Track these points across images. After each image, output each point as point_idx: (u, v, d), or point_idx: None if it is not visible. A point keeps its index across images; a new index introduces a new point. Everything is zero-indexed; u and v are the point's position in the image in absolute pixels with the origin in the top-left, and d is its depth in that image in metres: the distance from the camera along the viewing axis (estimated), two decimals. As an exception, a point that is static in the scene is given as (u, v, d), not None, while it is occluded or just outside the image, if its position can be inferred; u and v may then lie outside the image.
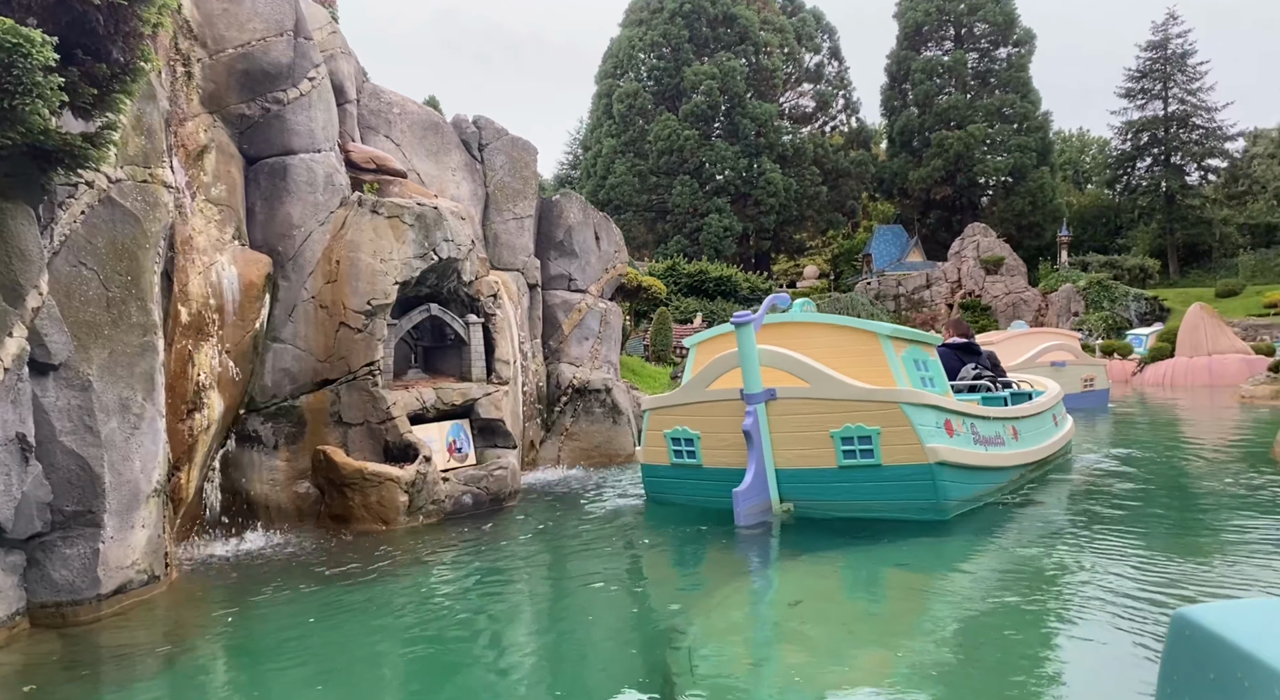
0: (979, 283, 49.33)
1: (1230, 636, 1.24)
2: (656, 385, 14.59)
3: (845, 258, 60.94)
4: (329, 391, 8.69)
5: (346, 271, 8.70)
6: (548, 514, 9.22)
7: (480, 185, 11.88)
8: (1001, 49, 59.05)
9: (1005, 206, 58.64)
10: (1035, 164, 57.21)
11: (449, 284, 9.83)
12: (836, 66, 61.57)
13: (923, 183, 58.16)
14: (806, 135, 58.97)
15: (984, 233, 51.57)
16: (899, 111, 60.43)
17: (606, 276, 13.39)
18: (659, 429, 8.92)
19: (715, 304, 29.60)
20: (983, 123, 56.64)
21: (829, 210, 58.27)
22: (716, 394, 8.32)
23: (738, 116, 54.12)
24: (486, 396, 9.67)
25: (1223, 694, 1.22)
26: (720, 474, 8.42)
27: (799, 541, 7.57)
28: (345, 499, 8.29)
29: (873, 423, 7.62)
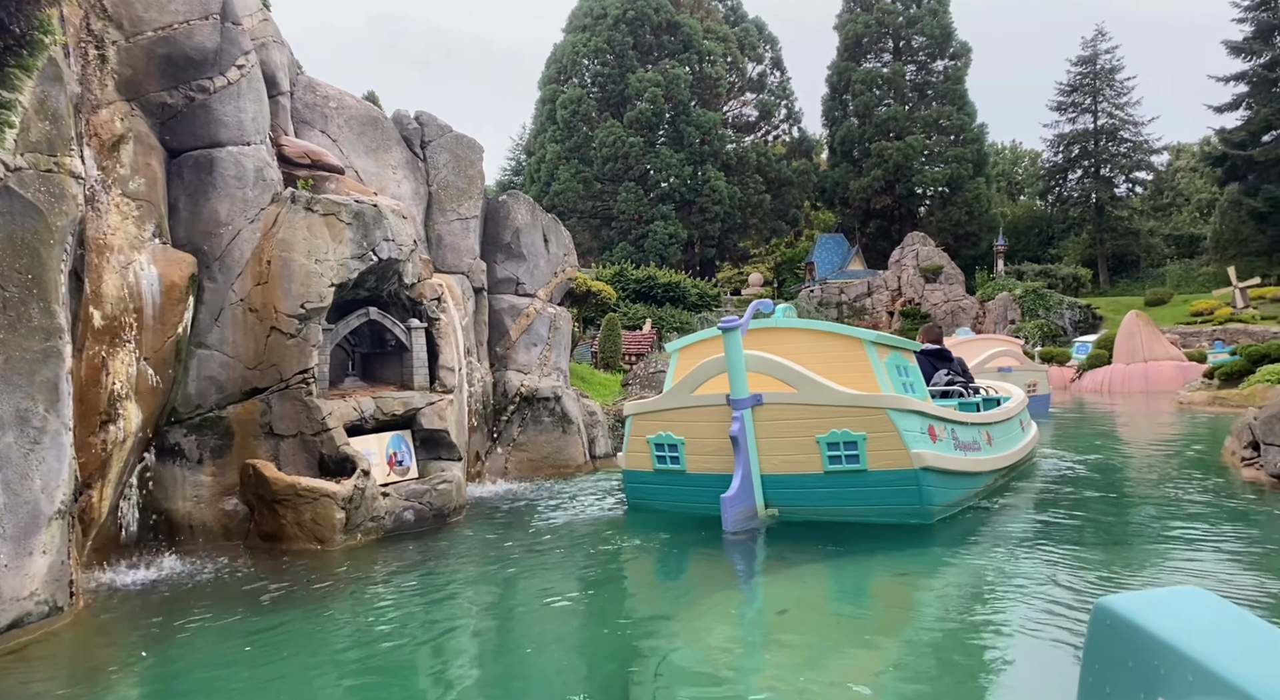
0: (919, 291, 50.02)
1: (1146, 625, 1.24)
2: (607, 393, 14.19)
3: (788, 266, 61.40)
4: (259, 401, 8.09)
5: (278, 272, 8.13)
6: (497, 530, 8.74)
7: (423, 184, 11.36)
8: (939, 62, 60.10)
9: (943, 216, 59.61)
10: (971, 175, 58.26)
11: (389, 287, 9.30)
12: (779, 76, 62.05)
13: (863, 192, 58.82)
14: (750, 144, 59.27)
15: (923, 242, 52.32)
16: (840, 122, 61.08)
17: (555, 280, 12.95)
18: (641, 434, 8.79)
19: (664, 310, 29.26)
20: (921, 134, 57.54)
21: (772, 218, 58.63)
22: (702, 399, 8.24)
23: (682, 124, 54.15)
24: (430, 406, 9.16)
25: (1140, 680, 1.22)
26: (704, 480, 8.34)
27: (783, 549, 7.39)
28: (277, 517, 7.71)
29: (859, 428, 7.61)
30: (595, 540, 8.20)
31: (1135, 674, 1.27)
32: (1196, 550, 6.89)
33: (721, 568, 7.35)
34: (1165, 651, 1.22)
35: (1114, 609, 1.36)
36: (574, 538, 8.29)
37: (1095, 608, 1.40)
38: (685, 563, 7.63)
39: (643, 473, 8.95)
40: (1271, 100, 48.35)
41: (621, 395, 13.96)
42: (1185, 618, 1.27)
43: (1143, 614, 1.30)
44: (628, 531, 8.57)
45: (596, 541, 8.15)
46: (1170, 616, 1.28)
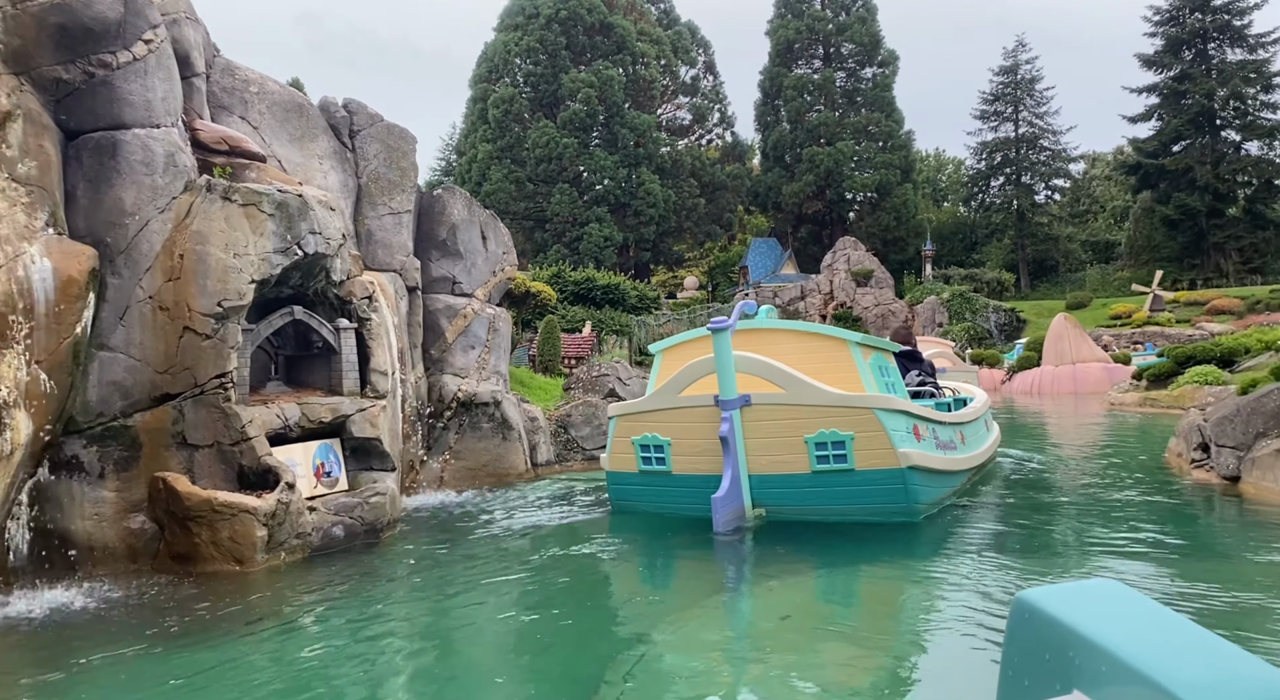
0: (850, 294, 50.61)
1: (1062, 617, 1.25)
2: (548, 398, 13.66)
3: (722, 269, 61.59)
4: (170, 408, 7.36)
5: (192, 267, 7.41)
6: (436, 544, 8.15)
7: (351, 176, 10.68)
8: (867, 69, 61.01)
9: (872, 221, 60.50)
10: (899, 181, 59.25)
11: (316, 284, 8.64)
12: (712, 80, 62.22)
13: (795, 197, 59.33)
14: (683, 147, 59.25)
15: (854, 246, 52.98)
16: (772, 127, 61.54)
17: (494, 280, 12.37)
18: (626, 436, 8.72)
19: (603, 312, 28.72)
20: (850, 140, 58.29)
21: (707, 222, 58.70)
22: (689, 400, 8.21)
23: (616, 126, 53.79)
24: (360, 412, 8.52)
25: (1056, 672, 1.24)
26: (691, 481, 8.31)
27: (769, 551, 7.30)
28: (190, 535, 6.99)
29: (846, 428, 7.64)
30: (543, 551, 7.70)
31: (1052, 666, 1.27)
32: (1169, 555, 6.74)
33: (705, 574, 7.05)
34: (1080, 643, 1.23)
35: (1032, 602, 1.35)
36: (520, 550, 7.77)
37: (1014, 601, 1.39)
38: (656, 570, 7.30)
39: (628, 474, 8.85)
40: (1181, 111, 50.33)
41: (563, 400, 13.44)
42: (1100, 610, 1.29)
43: (1059, 606, 1.31)
44: (584, 540, 8.09)
45: (544, 553, 7.65)
46: (1085, 609, 1.29)
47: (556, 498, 10.47)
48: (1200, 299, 41.02)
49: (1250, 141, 49.97)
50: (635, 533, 8.34)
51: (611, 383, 13.40)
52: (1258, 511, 7.96)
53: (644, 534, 8.23)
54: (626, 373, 13.79)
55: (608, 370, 13.63)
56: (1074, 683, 1.25)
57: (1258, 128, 49.02)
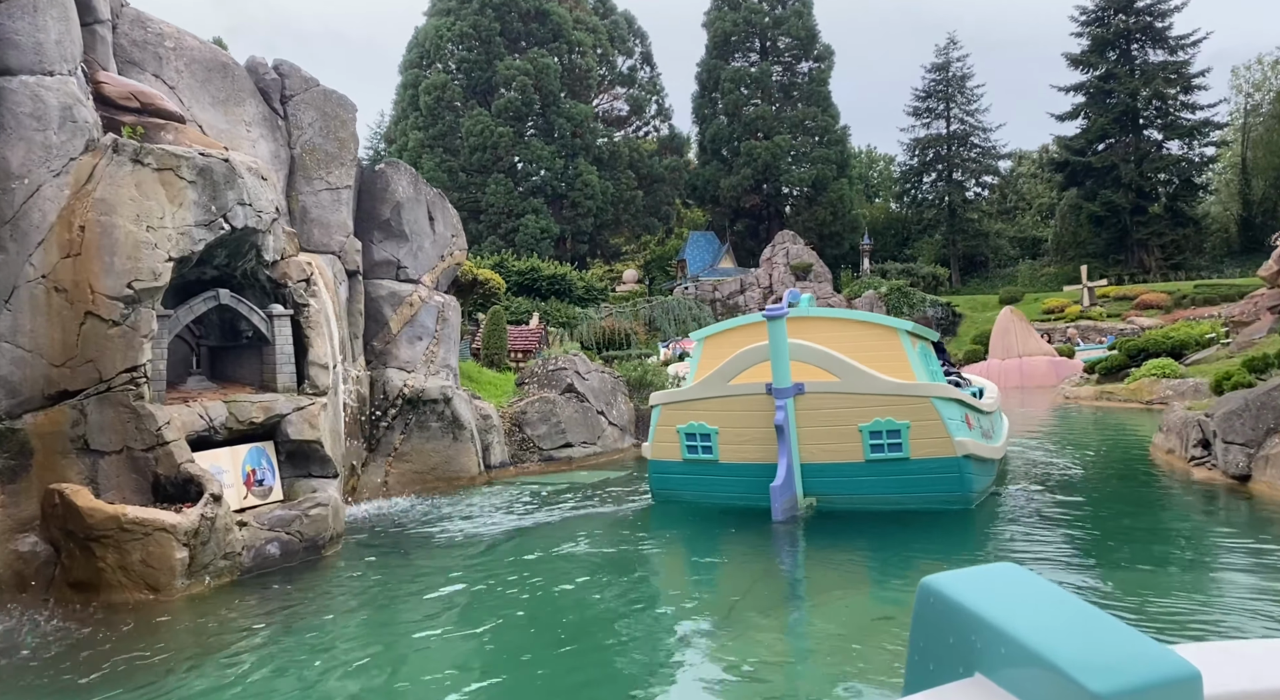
0: (789, 288, 50.34)
1: (963, 601, 1.28)
2: (499, 393, 12.67)
3: (658, 263, 60.98)
4: (69, 408, 6.21)
5: (96, 242, 6.27)
6: (386, 562, 7.14)
7: (283, 146, 9.53)
8: (804, 63, 61.04)
9: (809, 215, 60.59)
10: (835, 176, 59.43)
11: (245, 264, 7.53)
12: (649, 72, 61.48)
13: (733, 190, 59.04)
14: (621, 139, 58.39)
15: (793, 240, 52.90)
16: (710, 120, 61.13)
17: (443, 265, 11.33)
18: (671, 424, 8.65)
19: (549, 304, 27.58)
20: (787, 134, 58.21)
21: (645, 215, 57.98)
22: (739, 388, 8.13)
23: (553, 115, 52.60)
24: (298, 411, 7.45)
25: (959, 655, 1.27)
26: (739, 469, 8.26)
27: (822, 543, 7.22)
28: (93, 559, 5.87)
29: (902, 417, 7.62)
30: (514, 567, 6.77)
31: (955, 649, 1.29)
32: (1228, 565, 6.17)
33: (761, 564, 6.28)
34: (981, 627, 1.25)
35: (935, 587, 1.35)
36: (486, 566, 6.83)
37: (920, 586, 1.36)
38: (700, 569, 6.60)
39: (671, 463, 8.78)
40: (1106, 110, 51.50)
41: (517, 396, 12.47)
42: (1001, 594, 1.31)
43: (961, 590, 1.32)
44: (566, 551, 7.18)
45: (516, 569, 6.72)
46: (986, 592, 1.31)
47: (517, 503, 9.53)
48: (1129, 294, 41.93)
49: (1171, 141, 51.43)
50: (654, 531, 8.02)
51: (569, 377, 12.48)
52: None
53: (655, 530, 7.99)
54: (586, 366, 12.88)
55: (565, 364, 12.71)
56: (976, 665, 1.26)
57: (1178, 127, 50.48)
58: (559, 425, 11.99)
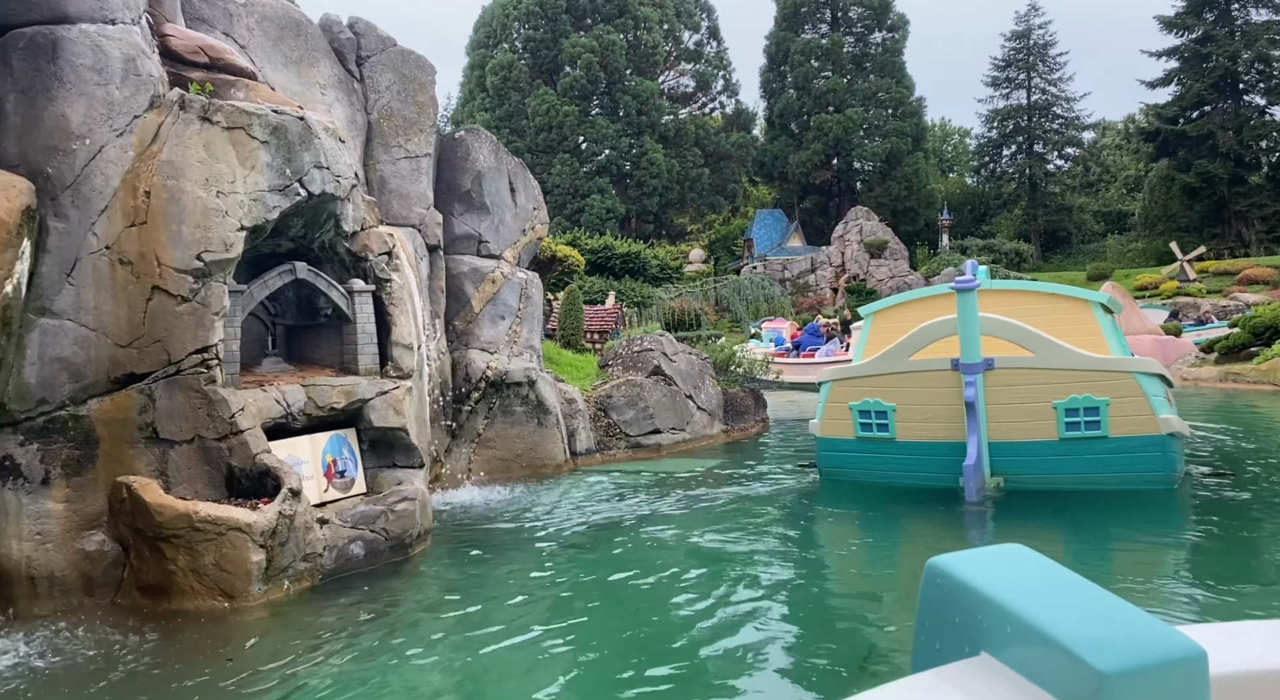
0: (863, 267, 48.95)
1: (970, 581, 1.29)
2: (582, 376, 11.96)
3: (723, 243, 59.98)
4: (137, 393, 5.63)
5: (162, 209, 5.65)
6: (474, 561, 6.48)
7: (360, 111, 8.87)
8: (876, 33, 59.08)
9: (882, 191, 58.92)
10: (910, 149, 57.62)
11: (323, 235, 6.89)
12: (715, 46, 60.14)
13: (802, 166, 57.60)
14: (687, 116, 57.35)
15: (867, 216, 51.33)
16: (778, 94, 59.67)
17: (524, 239, 10.61)
18: (843, 401, 8.49)
19: (622, 283, 26.78)
20: (859, 107, 56.56)
21: (710, 193, 56.90)
22: (920, 364, 7.96)
23: (618, 93, 51.76)
24: (381, 396, 6.79)
25: (965, 634, 1.28)
26: (918, 448, 8.11)
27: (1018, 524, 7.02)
28: (163, 561, 5.29)
29: (1102, 393, 7.38)
30: (622, 564, 6.09)
31: (961, 628, 1.29)
32: None
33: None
34: (987, 606, 1.25)
35: (942, 567, 1.35)
36: (589, 564, 6.14)
37: (926, 566, 1.36)
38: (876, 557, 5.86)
39: (843, 441, 8.63)
40: (1203, 75, 48.53)
41: (601, 379, 11.75)
42: (1006, 573, 1.31)
43: (967, 571, 1.32)
44: (682, 545, 6.42)
45: (625, 566, 6.03)
46: (992, 572, 1.31)
47: (611, 493, 8.81)
48: (1229, 269, 39.44)
49: (1276, 106, 48.23)
50: (814, 515, 7.64)
51: (656, 359, 11.70)
52: None
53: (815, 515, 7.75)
54: (673, 347, 12.08)
55: (651, 345, 11.93)
56: (982, 645, 1.26)
57: (1284, 91, 47.31)
58: (647, 410, 11.23)
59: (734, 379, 13.32)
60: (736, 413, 12.83)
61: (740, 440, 12.34)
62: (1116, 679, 1.06)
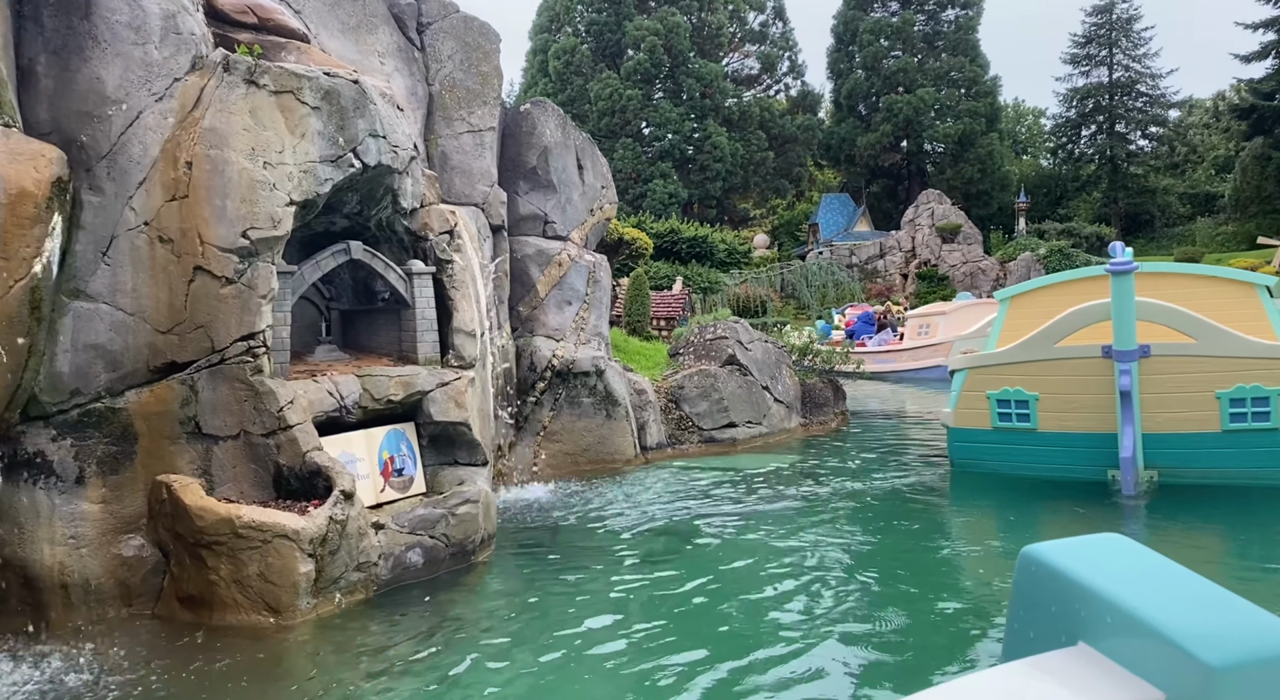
0: (935, 251, 47.37)
1: (1068, 570, 1.28)
2: (651, 365, 11.32)
3: (787, 228, 58.83)
4: (178, 383, 5.15)
5: (205, 182, 5.14)
6: (543, 569, 5.90)
7: (420, 82, 8.31)
8: (949, 10, 57.10)
9: (954, 174, 57.08)
10: (984, 130, 55.66)
11: (380, 212, 6.34)
12: (781, 27, 58.77)
13: (870, 148, 56.08)
14: (751, 98, 56.24)
15: (939, 200, 49.68)
16: (846, 74, 58.12)
17: (592, 219, 9.98)
18: (980, 390, 8.29)
19: (689, 268, 26.00)
20: (931, 87, 54.79)
21: (775, 177, 55.72)
22: (1068, 351, 7.70)
23: (682, 76, 50.87)
24: (442, 387, 6.22)
25: (1062, 624, 1.27)
26: (1062, 439, 7.87)
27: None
28: (204, 570, 4.79)
29: (1273, 382, 7.04)
30: (704, 571, 5.40)
31: (1058, 618, 1.28)
32: None
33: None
34: (1086, 595, 1.24)
35: (1038, 555, 1.32)
36: (669, 576, 5.47)
37: (1021, 555, 1.32)
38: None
39: (979, 431, 8.40)
40: (1305, 48, 45.68)
41: (672, 369, 11.09)
42: (1105, 563, 1.29)
43: (1065, 559, 1.30)
44: (784, 548, 5.74)
45: (709, 573, 5.34)
46: (1091, 561, 1.29)
47: (686, 491, 8.17)
48: (1331, 254, 37.04)
49: (1384, 80, 45.18)
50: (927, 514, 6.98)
51: (730, 347, 10.98)
52: None
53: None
54: (749, 335, 11.34)
55: (725, 332, 11.21)
56: (1079, 634, 1.24)
57: (1396, 63, 44.25)
58: (721, 402, 10.54)
59: (811, 369, 12.53)
60: (815, 405, 12.06)
61: (820, 435, 11.57)
62: (1226, 673, 1.02)
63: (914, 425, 12.79)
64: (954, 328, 18.44)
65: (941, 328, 19.34)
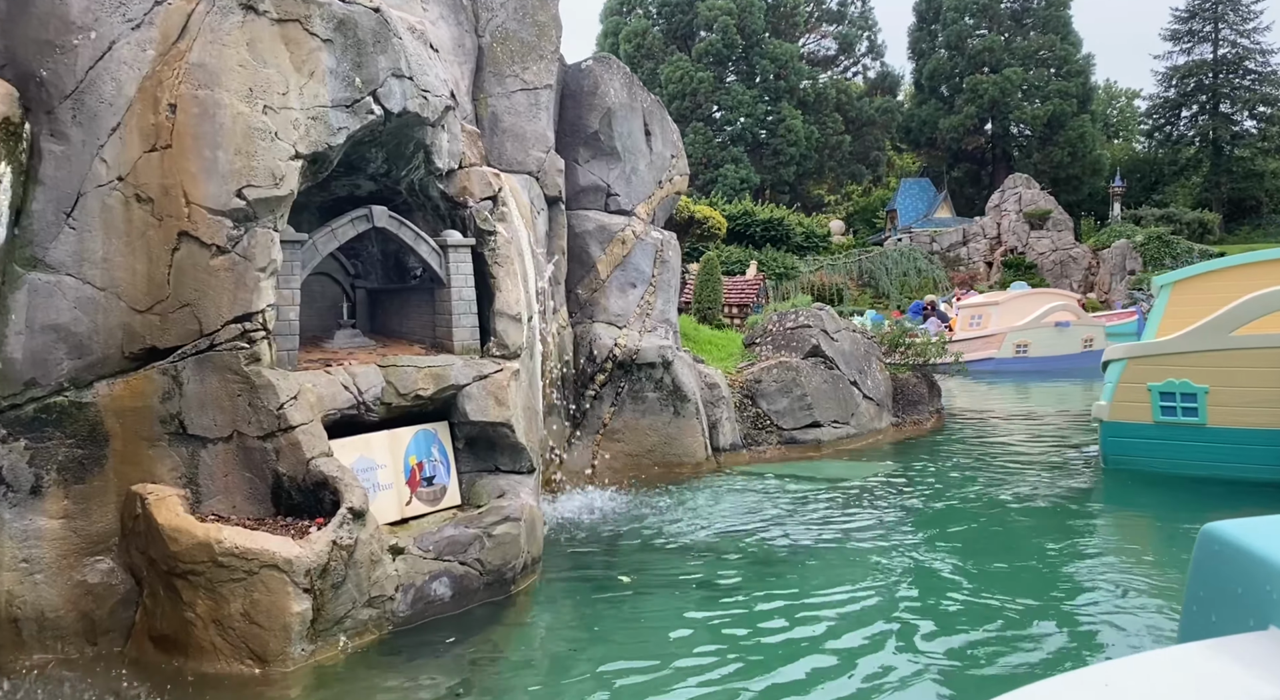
0: (1022, 239, 45.11)
1: (1259, 550, 1.20)
2: (723, 356, 10.23)
3: (862, 215, 57.00)
4: (159, 373, 4.25)
5: (192, 129, 4.22)
6: (599, 601, 4.89)
7: (469, 33, 7.32)
8: (1039, -15, 54.41)
9: (1041, 157, 54.57)
10: (1075, 111, 53.01)
11: (411, 174, 5.37)
12: (860, 6, 56.76)
13: (953, 131, 53.88)
14: (828, 80, 54.49)
15: (1027, 184, 47.36)
16: (928, 54, 55.98)
17: (660, 193, 8.89)
18: (1140, 382, 7.86)
19: (763, 253, 24.68)
20: (1018, 66, 52.34)
21: (851, 162, 53.89)
22: (1246, 341, 7.31)
23: (755, 57, 49.47)
24: (479, 381, 5.23)
25: (1249, 606, 1.19)
26: (1236, 436, 7.45)
27: None
28: (179, 605, 3.88)
29: None
30: (826, 609, 4.37)
31: (1245, 600, 1.20)
32: None
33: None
34: (1277, 575, 1.15)
35: (1222, 534, 1.27)
36: (756, 613, 4.42)
37: (1201, 533, 1.29)
38: None
39: (1139, 425, 7.94)
40: None
41: (747, 360, 9.98)
42: None
43: (1255, 539, 1.23)
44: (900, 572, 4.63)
45: (831, 613, 4.30)
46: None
47: (768, 501, 7.09)
48: None
49: None
50: None
51: (815, 337, 9.80)
52: None
53: None
54: (834, 324, 10.14)
55: (808, 320, 10.03)
56: (1271, 618, 1.16)
57: None
58: (804, 398, 9.37)
59: (904, 363, 11.26)
60: (908, 403, 10.80)
61: (914, 437, 10.32)
62: None
63: (1020, 423, 11.46)
64: (1007, 319, 17.63)
65: (994, 318, 18.32)
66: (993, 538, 6.18)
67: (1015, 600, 4.78)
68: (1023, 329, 17.69)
